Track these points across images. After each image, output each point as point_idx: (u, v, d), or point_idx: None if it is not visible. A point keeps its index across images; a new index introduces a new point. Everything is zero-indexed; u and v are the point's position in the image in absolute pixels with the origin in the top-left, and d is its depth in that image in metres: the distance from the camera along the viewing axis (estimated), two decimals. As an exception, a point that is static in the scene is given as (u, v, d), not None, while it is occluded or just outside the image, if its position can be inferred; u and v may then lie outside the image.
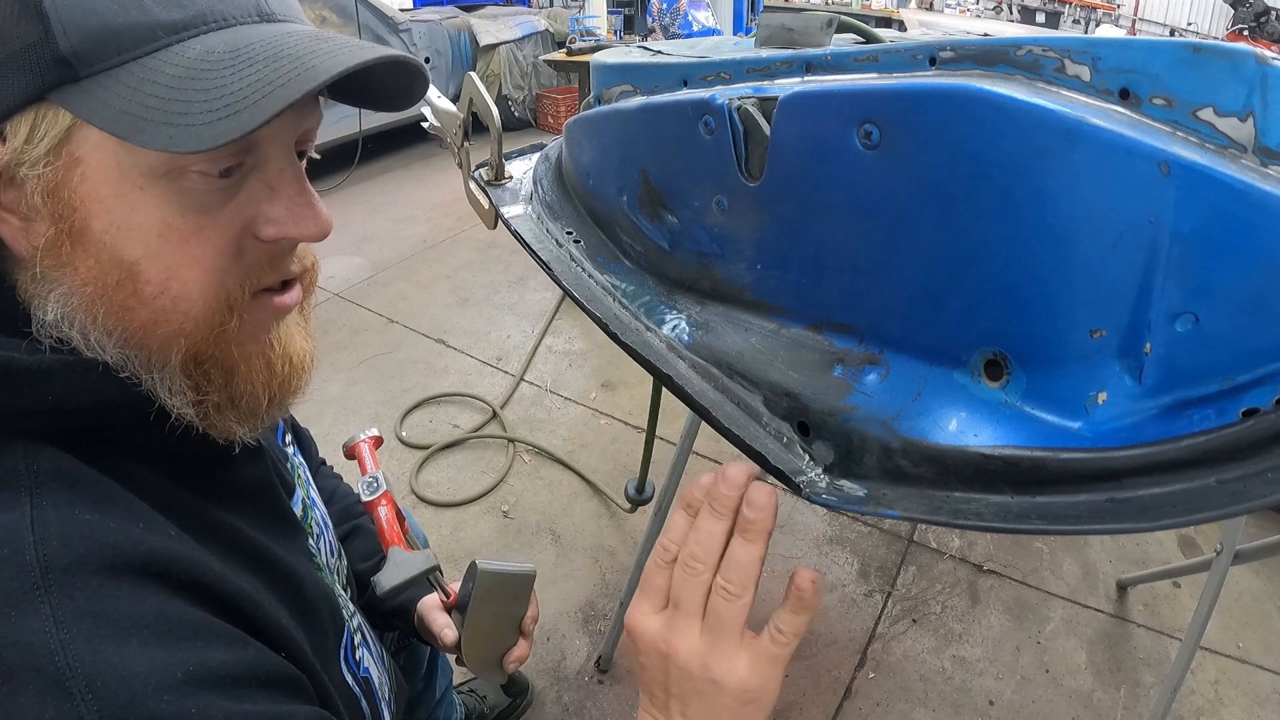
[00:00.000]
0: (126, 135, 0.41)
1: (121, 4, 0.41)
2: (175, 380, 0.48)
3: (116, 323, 0.45)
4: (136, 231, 0.44)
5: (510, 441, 2.29)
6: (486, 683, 1.51)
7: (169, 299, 0.46)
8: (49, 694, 0.37)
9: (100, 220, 0.44)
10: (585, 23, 5.55)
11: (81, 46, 0.41)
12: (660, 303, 0.69)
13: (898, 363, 0.52)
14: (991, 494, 0.46)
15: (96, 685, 0.38)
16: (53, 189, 0.43)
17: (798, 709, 1.51)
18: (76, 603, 0.40)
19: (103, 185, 0.43)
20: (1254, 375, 0.37)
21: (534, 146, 1.02)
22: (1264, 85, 0.37)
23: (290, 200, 0.49)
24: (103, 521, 0.43)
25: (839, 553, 1.89)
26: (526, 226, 0.82)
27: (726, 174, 0.57)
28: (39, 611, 0.39)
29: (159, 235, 0.45)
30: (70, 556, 0.41)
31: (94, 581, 0.41)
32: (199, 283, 0.46)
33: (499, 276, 3.36)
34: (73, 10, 0.41)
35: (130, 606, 0.42)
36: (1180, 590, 1.78)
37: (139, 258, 0.45)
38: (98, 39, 0.41)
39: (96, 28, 0.41)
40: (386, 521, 0.81)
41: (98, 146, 0.43)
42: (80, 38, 0.41)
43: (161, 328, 0.46)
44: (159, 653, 0.41)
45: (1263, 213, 0.35)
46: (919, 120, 0.45)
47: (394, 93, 0.53)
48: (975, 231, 0.45)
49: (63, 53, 0.41)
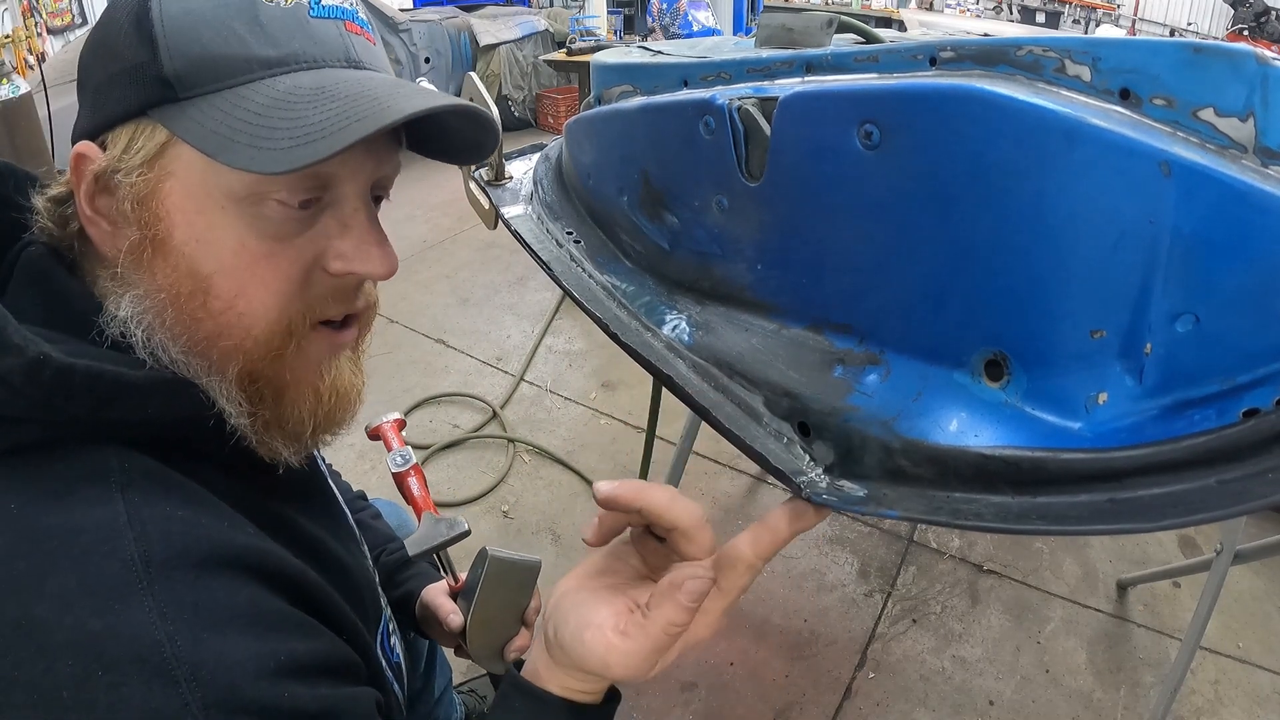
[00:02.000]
0: (214, 153, 0.45)
1: (224, 37, 0.46)
2: (231, 391, 0.50)
3: (183, 330, 0.48)
4: (214, 248, 0.47)
5: (510, 441, 2.28)
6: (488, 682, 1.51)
7: (235, 315, 0.48)
8: (154, 682, 0.39)
9: (182, 232, 0.47)
10: (585, 23, 5.55)
11: (184, 70, 0.45)
12: (660, 303, 0.69)
13: (898, 363, 0.52)
14: (992, 494, 0.46)
15: (200, 674, 0.40)
16: (143, 198, 0.47)
17: (798, 709, 1.51)
18: (178, 594, 0.41)
19: (188, 200, 0.47)
20: (1254, 375, 0.37)
21: (534, 146, 1.02)
22: (1264, 85, 0.37)
23: (360, 238, 0.51)
24: (195, 518, 0.45)
25: (839, 553, 1.89)
26: (526, 226, 0.82)
27: (727, 174, 0.57)
28: (142, 604, 0.40)
29: (234, 254, 0.48)
30: (169, 551, 0.42)
31: (192, 574, 0.43)
32: (265, 305, 0.49)
33: (499, 276, 3.36)
34: (180, 37, 0.45)
35: (227, 598, 0.43)
36: (1180, 590, 1.78)
37: (213, 272, 0.48)
38: (199, 66, 0.46)
39: (199, 55, 0.46)
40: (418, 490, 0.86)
41: (189, 164, 0.46)
42: (184, 63, 0.45)
43: (224, 341, 0.49)
44: (254, 642, 0.43)
45: (1263, 213, 0.35)
46: (919, 120, 0.45)
47: (468, 146, 0.57)
48: (975, 232, 0.45)
49: (166, 74, 0.45)
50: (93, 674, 0.38)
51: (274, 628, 0.45)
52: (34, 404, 0.43)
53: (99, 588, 0.40)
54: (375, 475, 2.17)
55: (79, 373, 0.44)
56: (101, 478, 0.44)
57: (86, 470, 0.44)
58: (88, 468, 0.44)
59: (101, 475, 0.44)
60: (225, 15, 0.46)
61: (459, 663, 1.61)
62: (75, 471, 0.44)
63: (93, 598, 0.40)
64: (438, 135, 0.54)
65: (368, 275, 0.53)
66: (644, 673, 0.47)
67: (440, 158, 0.58)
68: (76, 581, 0.40)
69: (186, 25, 0.46)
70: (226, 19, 0.46)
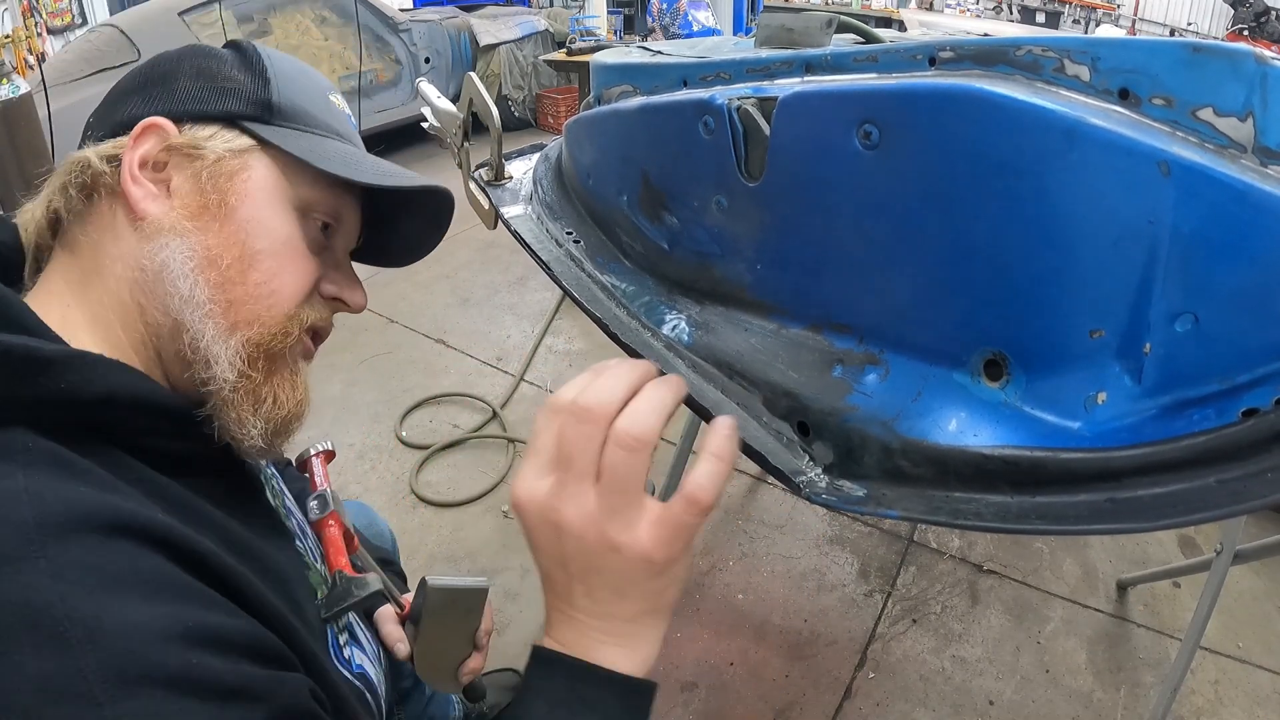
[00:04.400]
0: (315, 161, 0.59)
1: (313, 98, 0.64)
2: (231, 355, 0.56)
3: (214, 285, 0.56)
4: (270, 232, 0.58)
5: (510, 441, 2.28)
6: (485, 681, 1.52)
7: (267, 290, 0.58)
8: (45, 647, 0.36)
9: (246, 211, 0.58)
10: (585, 23, 5.55)
11: (285, 106, 0.61)
12: (660, 303, 0.69)
13: (897, 363, 0.52)
14: (991, 494, 0.46)
15: (96, 635, 0.37)
16: (225, 174, 0.58)
17: (798, 709, 1.51)
18: (73, 555, 0.39)
19: (259, 191, 0.59)
20: (1253, 375, 0.37)
21: (534, 146, 1.02)
22: (1263, 85, 0.37)
23: (348, 275, 0.67)
24: (98, 493, 0.44)
25: (839, 553, 1.89)
26: (526, 226, 0.82)
27: (726, 174, 0.57)
28: (35, 566, 0.38)
29: (283, 243, 0.59)
30: (66, 515, 0.41)
31: (92, 539, 0.41)
32: (292, 289, 0.60)
33: (499, 276, 3.36)
34: (287, 83, 0.63)
35: (129, 563, 0.41)
36: (1180, 590, 1.78)
37: (261, 250, 0.58)
38: (293, 107, 0.62)
39: (298, 102, 0.63)
40: (332, 543, 0.78)
41: (267, 167, 0.60)
42: (287, 102, 0.62)
43: (249, 306, 0.57)
44: (160, 606, 0.41)
45: (1262, 212, 0.35)
46: (918, 120, 0.45)
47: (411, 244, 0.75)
48: (975, 231, 0.45)
49: (273, 102, 0.61)
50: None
51: (182, 597, 0.43)
52: None
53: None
54: (375, 475, 2.17)
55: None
56: (5, 456, 0.43)
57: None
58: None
59: (5, 454, 0.43)
60: (314, 89, 0.66)
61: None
62: None
63: None
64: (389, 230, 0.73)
65: (347, 302, 0.66)
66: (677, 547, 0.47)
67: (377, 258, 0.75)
68: None
69: (291, 78, 0.63)
70: (315, 91, 0.65)
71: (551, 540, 0.48)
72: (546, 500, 0.47)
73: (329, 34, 4.69)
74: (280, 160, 0.60)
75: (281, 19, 4.49)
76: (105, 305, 0.55)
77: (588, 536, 0.46)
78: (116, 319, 0.55)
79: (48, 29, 4.55)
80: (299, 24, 4.57)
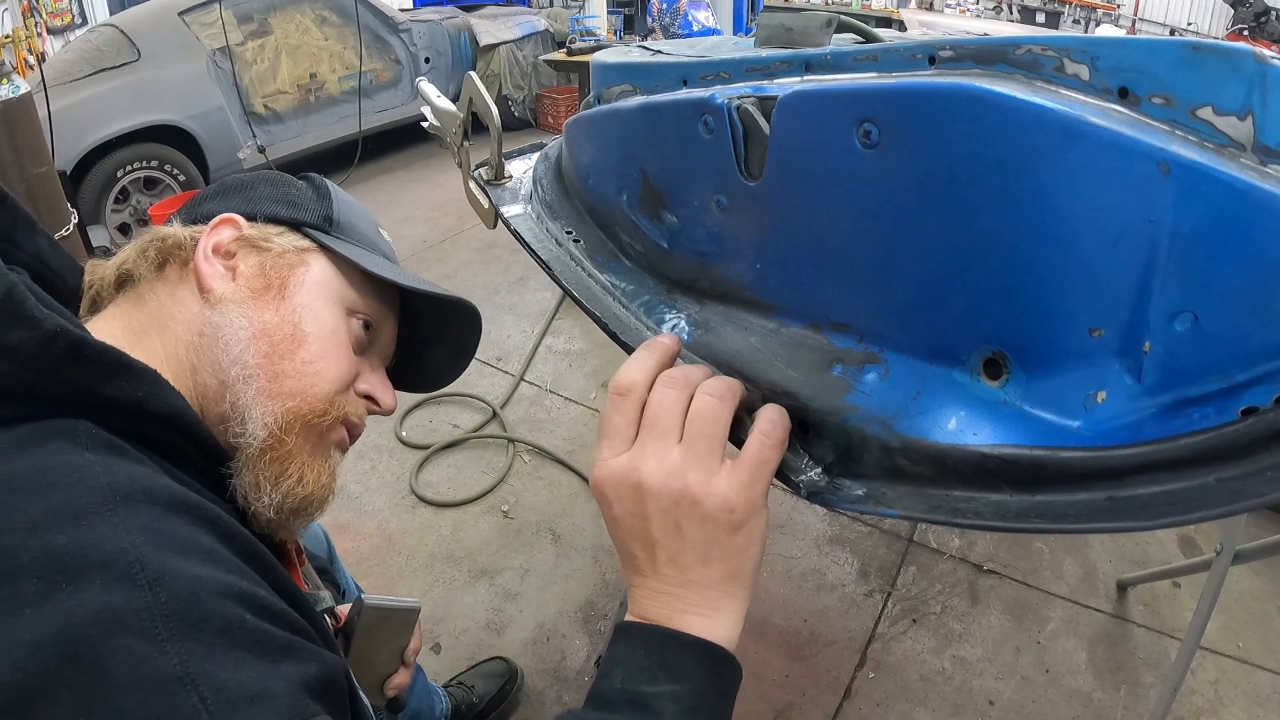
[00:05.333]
0: (365, 264, 0.68)
1: (367, 224, 0.75)
2: (266, 418, 0.59)
3: (264, 355, 0.60)
4: (318, 319, 0.64)
5: (510, 441, 2.29)
6: (474, 673, 1.53)
7: (311, 369, 0.62)
8: (115, 584, 0.38)
9: (301, 297, 0.64)
10: (585, 23, 5.56)
11: (344, 222, 0.71)
12: (660, 302, 0.69)
13: (897, 362, 0.52)
14: (991, 493, 0.46)
15: (164, 579, 0.40)
16: (287, 264, 0.65)
17: (798, 709, 1.51)
18: (142, 520, 0.42)
19: (313, 284, 0.66)
20: (1253, 374, 0.37)
21: (534, 146, 1.02)
22: (1263, 84, 0.37)
23: (381, 379, 0.72)
24: (155, 475, 0.48)
25: (839, 552, 1.89)
26: (526, 226, 0.82)
27: (726, 173, 0.57)
28: (109, 520, 0.41)
29: (331, 331, 0.65)
30: (134, 486, 0.44)
31: (156, 510, 0.44)
32: (333, 374, 0.64)
33: (499, 276, 3.36)
34: (346, 207, 0.73)
35: (189, 534, 0.45)
36: (1180, 590, 1.77)
37: (310, 334, 0.63)
38: (350, 225, 0.72)
39: (353, 220, 0.73)
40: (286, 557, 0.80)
41: (323, 267, 0.67)
42: (343, 218, 0.71)
43: (294, 380, 0.61)
44: (218, 572, 0.44)
45: (1262, 211, 0.35)
46: (918, 119, 0.45)
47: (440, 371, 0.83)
48: (974, 230, 0.45)
49: (334, 218, 0.70)
50: (56, 587, 0.38)
51: (235, 569, 0.46)
52: (42, 374, 0.46)
53: (66, 510, 0.41)
54: (375, 475, 2.17)
55: (89, 344, 0.48)
56: (69, 437, 0.46)
57: (56, 430, 0.46)
58: (57, 429, 0.46)
59: (69, 435, 0.46)
60: (368, 217, 0.76)
61: (450, 658, 1.61)
62: (44, 431, 0.46)
63: (59, 519, 0.40)
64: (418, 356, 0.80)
65: (378, 401, 0.70)
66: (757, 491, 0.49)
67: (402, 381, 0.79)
68: (43, 508, 0.41)
69: (350, 204, 0.74)
70: (367, 220, 0.76)
71: (633, 505, 0.49)
72: (627, 464, 0.49)
73: (329, 34, 4.70)
74: (335, 263, 0.68)
75: (281, 19, 4.49)
76: (159, 356, 0.59)
77: (670, 488, 0.48)
78: (169, 370, 0.58)
79: (48, 29, 4.55)
80: (299, 24, 4.57)
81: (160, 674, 0.37)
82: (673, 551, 0.49)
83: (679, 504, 0.48)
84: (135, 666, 0.37)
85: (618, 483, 0.49)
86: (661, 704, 0.46)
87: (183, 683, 0.37)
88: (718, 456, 0.48)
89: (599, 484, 0.51)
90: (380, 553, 1.90)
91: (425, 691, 1.28)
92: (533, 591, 1.77)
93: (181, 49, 4.05)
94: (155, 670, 0.37)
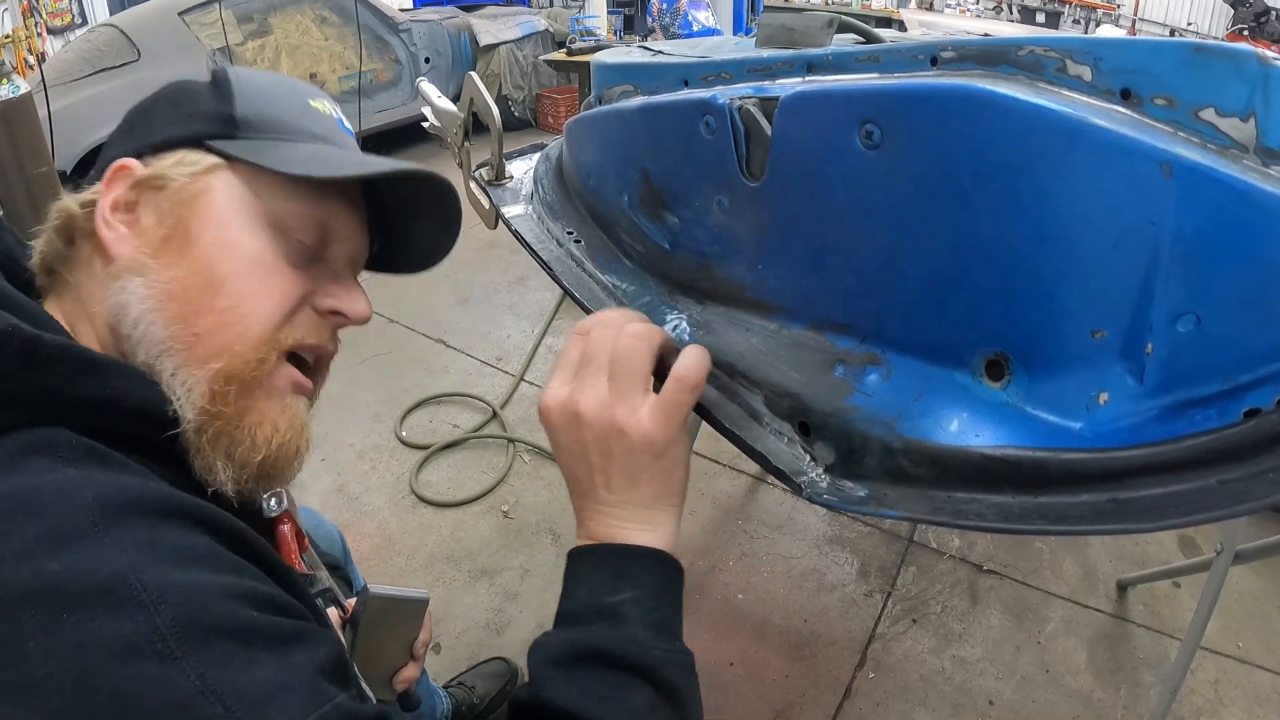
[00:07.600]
0: (275, 166, 0.56)
1: (288, 106, 0.61)
2: (199, 386, 0.53)
3: (178, 318, 0.53)
4: (236, 253, 0.55)
5: (510, 441, 2.28)
6: (475, 674, 1.52)
7: (236, 315, 0.54)
8: (121, 611, 0.38)
9: (211, 235, 0.55)
10: (585, 23, 5.55)
11: (248, 117, 0.59)
12: (661, 303, 0.69)
13: (899, 363, 0.52)
14: (993, 494, 0.46)
15: (167, 596, 0.39)
16: (184, 201, 0.56)
17: (798, 709, 1.51)
18: (136, 535, 0.42)
19: (225, 209, 0.56)
20: (1255, 375, 0.37)
21: (534, 146, 1.02)
22: (1265, 85, 0.37)
23: (349, 286, 0.63)
24: (143, 482, 0.47)
25: (839, 553, 1.89)
26: (527, 226, 0.82)
27: (727, 174, 0.57)
28: (101, 542, 0.40)
29: (251, 263, 0.55)
30: (121, 499, 0.43)
31: (146, 520, 0.43)
32: (265, 312, 0.56)
33: (499, 276, 3.36)
34: (255, 95, 0.60)
35: (183, 541, 0.44)
36: (1180, 590, 1.77)
37: (228, 275, 0.54)
38: (260, 117, 0.59)
39: (264, 109, 0.60)
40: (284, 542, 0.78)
41: (230, 184, 0.57)
42: (251, 112, 0.59)
43: (217, 336, 0.54)
44: (216, 576, 0.43)
45: (1264, 213, 0.35)
46: (920, 120, 0.45)
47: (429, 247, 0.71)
48: (976, 232, 0.45)
49: (235, 114, 0.58)
50: (58, 619, 0.37)
51: (234, 569, 0.46)
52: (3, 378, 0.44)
53: (57, 534, 0.40)
54: (375, 475, 2.17)
55: (46, 344, 0.46)
56: (49, 452, 0.45)
57: (35, 445, 0.45)
58: (36, 443, 0.45)
59: (50, 449, 0.45)
60: (289, 97, 0.63)
61: (450, 658, 1.61)
62: (22, 446, 0.44)
63: (50, 544, 0.39)
64: (402, 234, 0.69)
65: (351, 314, 0.62)
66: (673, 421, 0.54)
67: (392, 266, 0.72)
68: (34, 533, 0.40)
69: (262, 89, 0.61)
70: (290, 99, 0.63)
71: (572, 432, 0.55)
72: (569, 395, 0.55)
73: (329, 34, 4.69)
74: (246, 174, 0.57)
75: (281, 19, 4.49)
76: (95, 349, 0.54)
77: (600, 421, 0.53)
78: None
79: (48, 29, 4.55)
80: (299, 24, 4.56)
81: (181, 693, 0.38)
82: (608, 475, 0.55)
83: (609, 434, 0.53)
84: (156, 691, 0.37)
85: (560, 411, 0.55)
86: (625, 609, 0.52)
87: (204, 696, 0.38)
88: (639, 390, 0.54)
89: (545, 407, 0.56)
90: (380, 553, 1.90)
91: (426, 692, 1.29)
92: (533, 591, 1.77)
93: (181, 49, 4.05)
94: (176, 690, 0.38)
